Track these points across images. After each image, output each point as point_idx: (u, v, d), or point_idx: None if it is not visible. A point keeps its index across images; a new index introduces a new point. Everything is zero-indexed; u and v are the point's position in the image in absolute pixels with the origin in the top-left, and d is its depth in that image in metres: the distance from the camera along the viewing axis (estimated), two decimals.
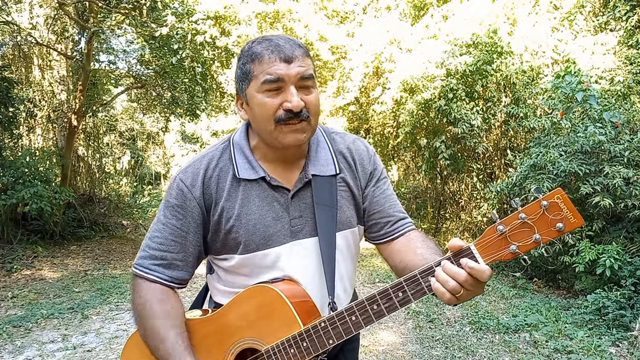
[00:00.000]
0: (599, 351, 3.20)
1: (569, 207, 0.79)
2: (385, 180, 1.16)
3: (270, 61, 0.95)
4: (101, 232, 9.24)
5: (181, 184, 1.04)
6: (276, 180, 1.05)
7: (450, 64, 6.58)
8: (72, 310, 4.55)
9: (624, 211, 4.20)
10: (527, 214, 0.81)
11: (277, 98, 0.96)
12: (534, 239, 0.81)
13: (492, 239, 0.84)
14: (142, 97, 12.33)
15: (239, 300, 1.02)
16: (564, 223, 0.79)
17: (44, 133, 9.46)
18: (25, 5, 8.47)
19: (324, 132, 1.15)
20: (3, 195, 6.38)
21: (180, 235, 1.04)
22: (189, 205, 1.03)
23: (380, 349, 3.45)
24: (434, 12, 8.04)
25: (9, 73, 7.90)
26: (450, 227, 8.72)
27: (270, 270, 1.05)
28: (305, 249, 1.06)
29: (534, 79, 6.62)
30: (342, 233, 1.09)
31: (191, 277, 1.09)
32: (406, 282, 0.88)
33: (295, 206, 1.05)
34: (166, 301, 1.03)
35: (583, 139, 4.45)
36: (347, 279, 1.14)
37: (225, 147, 1.09)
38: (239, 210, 1.03)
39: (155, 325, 1.00)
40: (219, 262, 1.10)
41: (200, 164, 1.06)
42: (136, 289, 1.06)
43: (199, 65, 9.09)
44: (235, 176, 1.04)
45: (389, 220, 1.12)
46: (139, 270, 1.05)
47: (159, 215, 1.07)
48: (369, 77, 9.04)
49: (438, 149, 6.72)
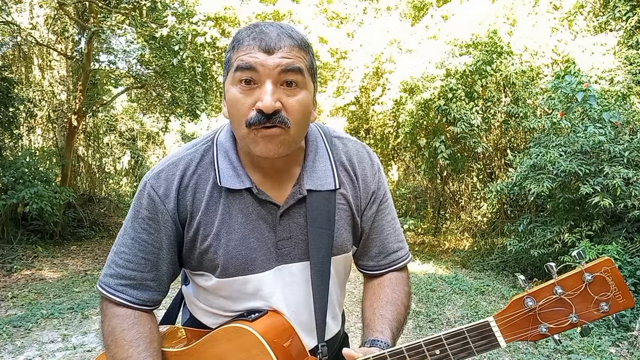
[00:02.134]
0: (599, 351, 3.20)
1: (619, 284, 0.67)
2: (387, 204, 1.01)
3: (248, 48, 0.79)
4: (101, 232, 9.24)
5: (152, 192, 0.87)
6: (264, 194, 0.88)
7: (450, 64, 6.58)
8: (72, 310, 4.55)
9: (623, 211, 4.21)
10: (565, 288, 0.67)
11: (251, 96, 0.79)
12: (570, 322, 0.67)
13: (518, 315, 0.69)
14: (142, 97, 12.33)
15: (215, 339, 0.90)
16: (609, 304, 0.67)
17: (44, 133, 9.47)
18: (25, 5, 8.47)
19: (324, 135, 0.98)
20: (3, 195, 6.38)
21: (151, 252, 0.88)
22: (161, 218, 0.86)
23: None
24: (434, 12, 8.04)
25: (9, 73, 7.90)
26: (450, 227, 8.73)
27: (252, 299, 0.91)
28: (292, 274, 0.91)
29: (534, 79, 6.63)
30: (336, 258, 0.94)
31: (165, 296, 0.94)
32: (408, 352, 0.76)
33: (285, 226, 0.90)
34: (139, 328, 0.88)
35: (583, 139, 4.46)
36: (337, 305, 1.04)
37: (207, 149, 0.91)
38: (218, 227, 0.87)
39: (125, 356, 0.85)
40: (196, 278, 0.95)
41: (175, 169, 0.88)
42: (103, 312, 0.91)
43: (199, 66, 9.10)
44: (217, 184, 0.87)
45: (380, 251, 1.00)
46: (105, 291, 0.89)
47: (126, 226, 0.90)
48: (369, 78, 9.04)
49: (438, 148, 6.73)
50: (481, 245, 7.15)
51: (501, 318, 0.70)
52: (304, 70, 0.81)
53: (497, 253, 6.43)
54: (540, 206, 5.71)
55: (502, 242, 6.31)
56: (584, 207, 4.49)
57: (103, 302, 0.92)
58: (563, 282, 0.67)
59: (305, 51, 0.83)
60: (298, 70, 0.80)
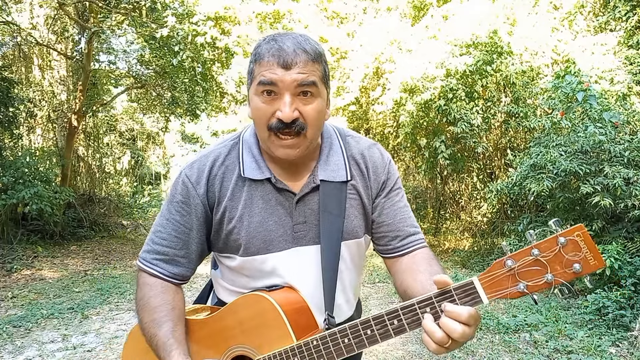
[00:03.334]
0: (599, 351, 3.20)
1: (590, 247, 0.71)
2: (399, 192, 1.10)
3: (268, 64, 0.91)
4: (101, 232, 9.25)
5: (186, 179, 1.02)
6: (282, 182, 1.01)
7: (450, 64, 6.58)
8: (72, 310, 4.55)
9: (624, 211, 4.20)
10: (541, 250, 0.73)
11: (272, 105, 0.92)
12: (545, 280, 0.73)
13: (499, 275, 0.76)
14: (142, 97, 12.34)
15: (235, 306, 1.01)
16: (582, 264, 0.71)
17: (44, 133, 9.47)
18: (25, 5, 8.47)
19: (339, 134, 1.10)
20: (3, 195, 6.38)
21: (183, 231, 1.02)
22: (192, 202, 1.01)
23: (380, 348, 3.45)
24: (434, 12, 8.03)
25: (9, 73, 7.91)
26: (450, 227, 8.73)
27: (270, 276, 1.03)
28: (307, 256, 1.03)
29: (534, 79, 6.63)
30: (347, 243, 1.05)
31: (193, 273, 1.08)
32: (403, 311, 0.82)
33: (300, 211, 1.02)
34: (164, 296, 1.02)
35: (583, 139, 4.46)
36: (351, 289, 1.11)
37: (234, 144, 1.06)
38: (242, 211, 1.01)
39: (150, 320, 1.00)
40: (223, 259, 1.09)
41: (206, 160, 1.03)
42: (138, 282, 1.06)
43: (199, 66, 9.10)
44: (241, 175, 1.01)
45: (397, 235, 1.07)
46: (142, 264, 1.05)
47: (163, 209, 1.05)
48: (369, 78, 9.04)
49: (438, 148, 6.73)
50: (481, 245, 7.15)
51: (484, 277, 0.77)
52: (317, 82, 0.94)
53: (497, 253, 6.42)
54: (541, 206, 5.71)
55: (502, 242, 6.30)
56: (584, 207, 4.49)
57: (139, 273, 1.07)
58: (539, 245, 0.74)
59: (318, 62, 0.95)
60: (312, 84, 0.92)
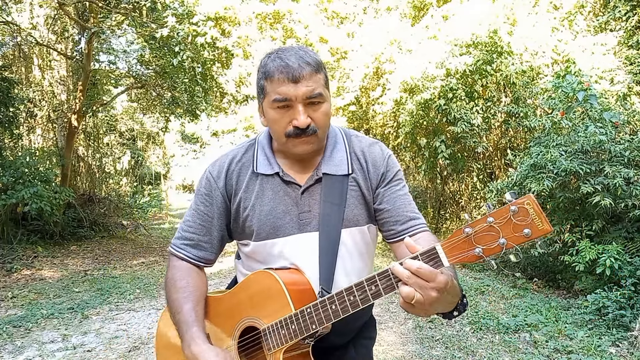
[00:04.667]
0: (599, 351, 3.20)
1: (537, 213, 0.78)
2: (399, 182, 1.22)
3: (279, 81, 1.05)
4: (101, 232, 9.24)
5: (209, 175, 1.20)
6: (289, 176, 1.15)
7: (450, 63, 6.58)
8: (72, 310, 4.55)
9: (624, 211, 4.20)
10: (495, 218, 0.81)
11: (287, 115, 1.07)
12: (498, 243, 0.81)
13: (458, 241, 0.84)
14: (142, 97, 12.33)
15: (247, 283, 1.15)
16: (530, 229, 0.78)
17: (44, 133, 9.47)
18: (25, 5, 8.48)
19: (345, 135, 1.23)
20: (3, 195, 6.38)
21: (206, 219, 1.19)
22: (214, 194, 1.19)
23: (380, 348, 3.45)
24: (434, 12, 8.04)
25: (9, 73, 7.90)
26: (450, 227, 8.72)
27: (278, 259, 1.15)
28: (310, 241, 1.14)
29: (534, 79, 6.63)
30: (349, 230, 1.15)
31: (216, 257, 1.24)
32: (379, 277, 0.92)
33: (305, 201, 1.15)
34: (188, 277, 1.18)
35: (583, 139, 4.45)
36: (355, 275, 1.18)
37: (251, 145, 1.23)
38: (254, 201, 1.16)
39: (175, 298, 1.15)
40: (241, 247, 1.24)
41: (226, 159, 1.21)
42: (169, 264, 1.23)
43: (199, 66, 9.09)
44: (254, 171, 1.17)
45: (397, 219, 1.17)
46: (172, 249, 1.22)
47: (192, 202, 1.24)
48: (369, 78, 9.04)
49: (438, 148, 6.73)
50: None
51: (446, 243, 0.86)
52: (322, 90, 1.08)
53: None
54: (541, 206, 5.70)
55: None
56: (584, 207, 4.49)
57: (170, 257, 1.24)
58: (494, 214, 0.81)
59: (320, 72, 1.09)
60: (318, 94, 1.07)
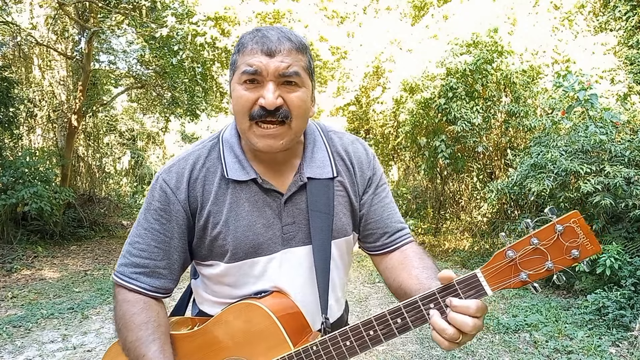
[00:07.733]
0: (599, 351, 3.19)
1: (586, 233, 0.72)
2: (384, 187, 1.09)
3: (251, 52, 0.88)
4: (101, 232, 9.24)
5: (165, 185, 0.95)
6: (268, 183, 0.96)
7: (451, 63, 6.58)
8: (72, 310, 4.55)
9: (624, 211, 4.20)
10: (540, 239, 0.74)
11: (255, 93, 0.88)
12: (546, 268, 0.74)
13: (501, 266, 0.77)
14: (142, 97, 12.34)
15: (224, 317, 0.96)
16: (579, 250, 0.72)
17: (44, 133, 9.47)
18: (26, 5, 8.47)
19: (322, 130, 1.07)
20: (3, 195, 6.38)
21: (163, 241, 0.95)
22: (173, 209, 0.94)
23: (380, 348, 3.45)
24: (434, 12, 8.04)
25: (9, 73, 7.90)
26: (450, 227, 8.71)
27: (258, 281, 0.97)
28: (297, 257, 0.98)
29: (534, 78, 6.62)
30: (337, 241, 1.01)
31: (176, 285, 1.00)
32: (406, 309, 0.80)
33: (289, 212, 0.97)
34: (148, 312, 0.94)
35: (584, 139, 4.45)
36: (340, 289, 1.09)
37: (214, 145, 0.99)
38: (227, 215, 0.94)
39: (134, 339, 0.91)
40: (204, 268, 1.02)
41: (185, 164, 0.96)
42: (117, 298, 0.97)
43: (199, 66, 9.10)
44: (224, 177, 0.95)
45: (385, 231, 1.05)
46: (119, 279, 0.96)
47: (140, 218, 0.97)
48: (369, 77, 9.04)
49: (438, 148, 6.72)
50: (481, 245, 7.13)
51: (487, 269, 0.77)
52: (301, 71, 0.90)
53: None
54: (541, 206, 5.70)
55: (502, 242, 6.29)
56: (585, 207, 4.48)
57: (116, 289, 0.98)
58: (538, 234, 0.75)
59: (302, 53, 0.91)
60: (295, 74, 0.89)
